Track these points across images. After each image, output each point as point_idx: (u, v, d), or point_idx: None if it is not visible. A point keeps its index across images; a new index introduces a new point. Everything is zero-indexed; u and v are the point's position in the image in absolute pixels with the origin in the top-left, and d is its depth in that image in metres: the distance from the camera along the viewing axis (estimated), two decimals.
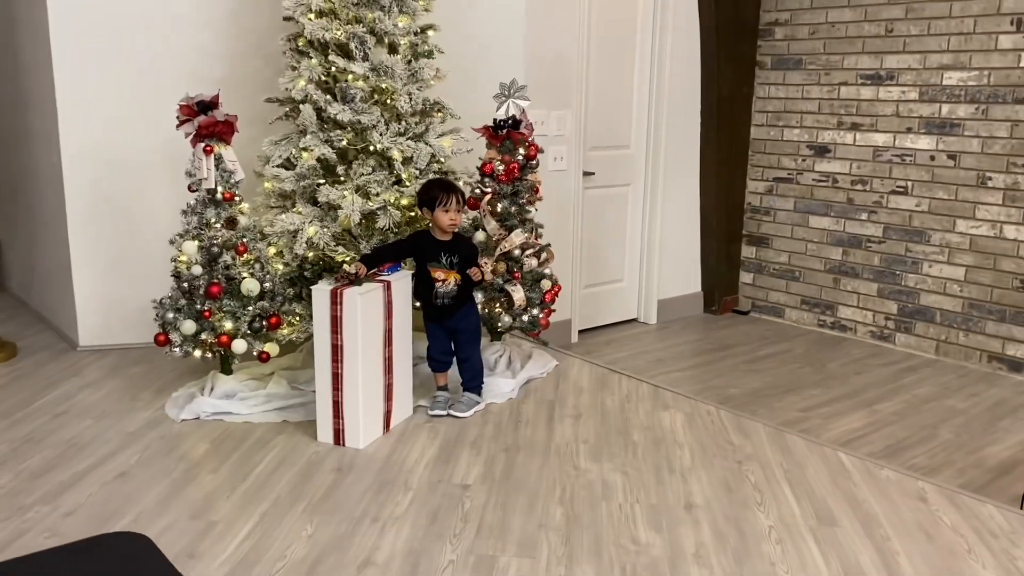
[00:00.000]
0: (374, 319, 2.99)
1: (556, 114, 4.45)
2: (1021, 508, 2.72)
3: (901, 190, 4.83)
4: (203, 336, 3.13)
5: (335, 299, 2.89)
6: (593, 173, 4.84)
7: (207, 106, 3.08)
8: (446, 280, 3.21)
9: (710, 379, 4.33)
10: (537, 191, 3.72)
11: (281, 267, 3.35)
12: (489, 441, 3.06)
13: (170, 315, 3.12)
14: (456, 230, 3.22)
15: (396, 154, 3.35)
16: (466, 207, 3.35)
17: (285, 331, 3.35)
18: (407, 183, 3.41)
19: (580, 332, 4.94)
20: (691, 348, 4.87)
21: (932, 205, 4.71)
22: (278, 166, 3.40)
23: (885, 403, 4.06)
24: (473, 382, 3.38)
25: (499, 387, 3.51)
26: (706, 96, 5.25)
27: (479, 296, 3.56)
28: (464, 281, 3.23)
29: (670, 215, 5.25)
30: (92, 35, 3.78)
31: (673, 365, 4.54)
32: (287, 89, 3.37)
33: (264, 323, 3.19)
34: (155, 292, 3.32)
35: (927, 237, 4.75)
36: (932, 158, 4.67)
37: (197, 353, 3.17)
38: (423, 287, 3.24)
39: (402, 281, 3.17)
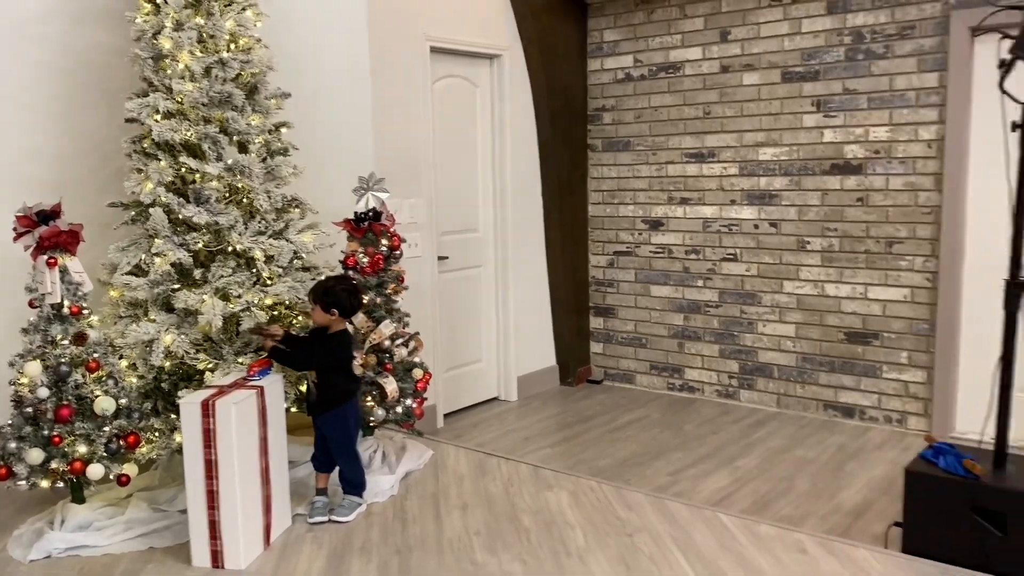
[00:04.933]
0: (249, 429, 2.84)
1: (408, 203, 4.49)
2: (885, 547, 2.94)
3: (731, 257, 5.21)
4: (53, 465, 2.84)
5: (206, 411, 2.72)
6: (447, 257, 4.89)
7: (48, 216, 2.86)
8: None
9: (579, 452, 4.41)
10: (402, 280, 3.71)
11: (135, 380, 3.12)
12: (378, 544, 2.95)
13: (12, 445, 2.82)
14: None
15: (258, 253, 3.25)
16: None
17: (144, 449, 3.10)
18: (269, 282, 3.31)
19: (445, 416, 4.90)
20: (555, 422, 4.95)
21: (760, 269, 5.11)
22: (127, 273, 3.19)
23: (743, 459, 4.29)
24: (351, 487, 3.26)
25: (379, 485, 3.40)
26: (546, 178, 5.48)
27: None
28: (323, 385, 3.15)
29: (522, 293, 5.38)
30: None
31: (542, 442, 4.60)
32: (134, 192, 3.20)
33: (122, 443, 2.94)
34: None
35: (758, 299, 5.13)
36: (756, 226, 5.09)
37: (45, 483, 2.87)
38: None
39: (275, 386, 3.04)
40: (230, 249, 3.23)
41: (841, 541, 2.93)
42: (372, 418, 3.58)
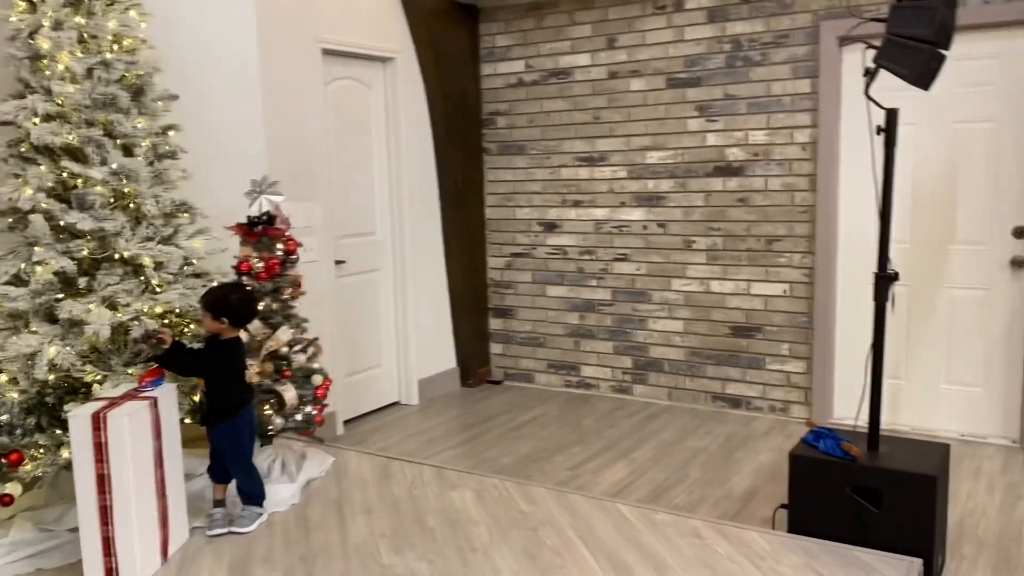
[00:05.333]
0: (143, 441, 2.75)
1: (303, 206, 4.43)
2: (773, 528, 3.11)
3: (622, 257, 5.38)
4: None
5: (97, 424, 2.62)
6: (344, 261, 4.85)
7: None
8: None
9: (482, 452, 4.46)
10: (299, 285, 3.66)
11: (17, 395, 2.98)
12: (281, 553, 2.91)
13: None
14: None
15: (147, 260, 3.15)
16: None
17: (29, 467, 2.95)
18: (159, 289, 3.21)
19: (345, 423, 4.86)
20: (457, 424, 4.99)
21: (650, 268, 5.29)
22: (6, 283, 3.04)
23: (639, 451, 4.43)
24: (250, 498, 3.20)
25: (279, 494, 3.35)
26: (442, 181, 5.51)
27: None
28: (213, 394, 3.09)
29: (421, 295, 5.39)
30: None
31: (444, 443, 4.62)
32: (11, 199, 3.05)
33: (3, 461, 2.80)
34: None
35: (649, 297, 5.31)
36: (645, 227, 5.27)
37: None
38: None
39: (168, 396, 2.95)
40: (117, 256, 3.12)
41: (733, 525, 3.07)
42: (271, 427, 3.52)
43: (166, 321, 3.26)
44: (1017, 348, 4.35)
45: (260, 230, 3.54)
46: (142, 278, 3.19)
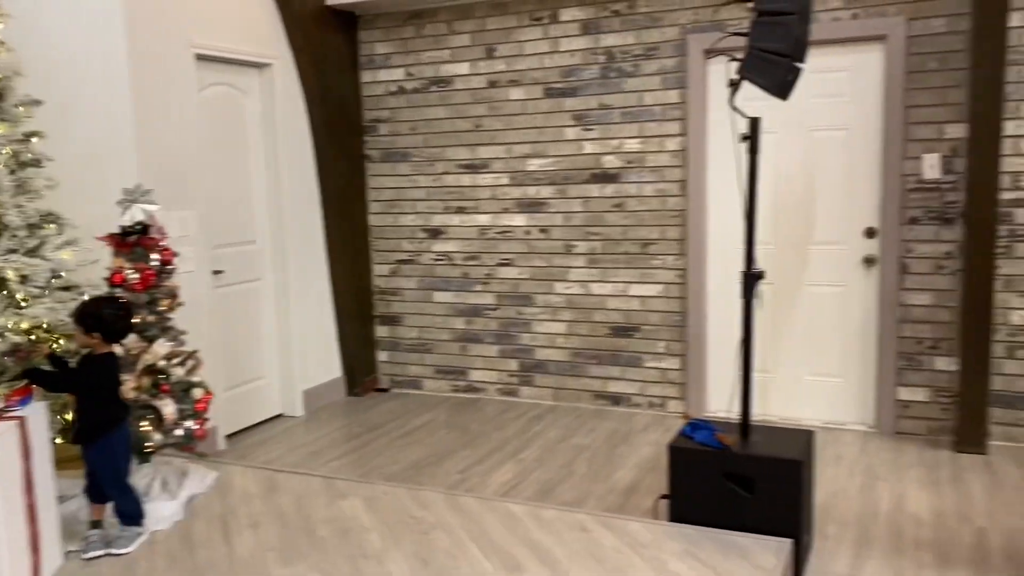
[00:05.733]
0: (10, 463, 2.62)
1: (178, 215, 4.30)
2: (655, 518, 3.25)
3: (506, 262, 5.47)
4: None
5: None
6: (223, 271, 4.73)
7: None
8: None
9: (371, 460, 4.44)
10: (176, 297, 3.56)
11: None
12: (165, 571, 2.83)
13: None
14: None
15: (11, 274, 3.00)
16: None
17: None
18: (25, 304, 3.06)
19: (227, 437, 4.73)
20: (344, 433, 4.94)
21: (533, 272, 5.41)
22: None
23: (526, 451, 4.52)
24: (128, 518, 3.08)
25: (160, 512, 3.24)
26: (324, 189, 5.46)
27: None
28: (85, 412, 2.97)
29: (304, 304, 5.31)
30: None
31: (332, 453, 4.57)
32: None
33: None
34: None
35: (533, 300, 5.43)
36: (528, 232, 5.38)
37: None
38: None
39: (37, 415, 2.82)
40: None
41: (617, 517, 3.20)
42: (149, 443, 3.40)
43: (33, 337, 3.10)
44: (871, 340, 4.69)
45: (134, 240, 3.42)
46: (5, 292, 3.03)
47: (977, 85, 4.07)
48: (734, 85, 3.05)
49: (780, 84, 2.91)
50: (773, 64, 2.89)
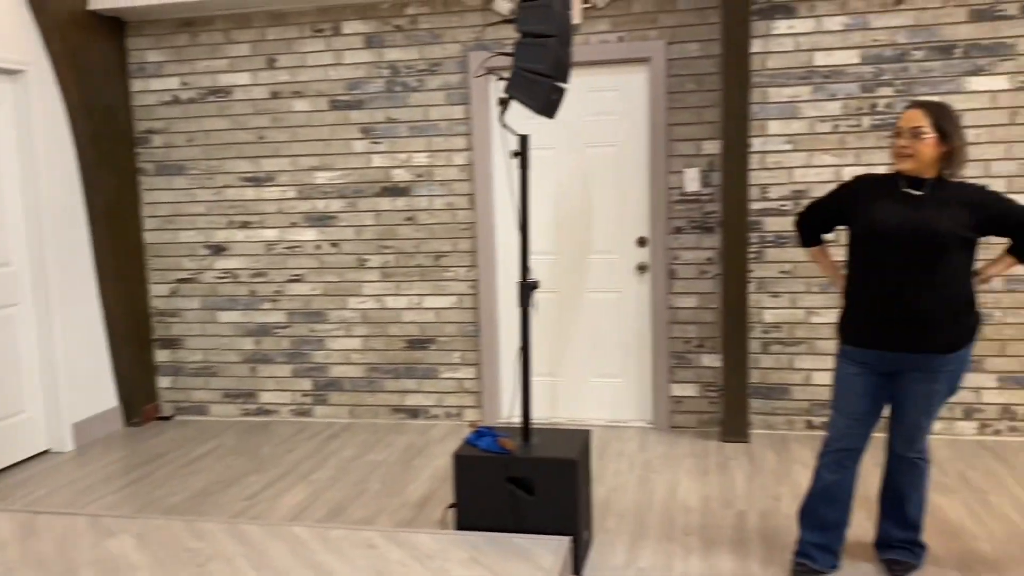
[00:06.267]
0: None
1: None
2: (444, 528, 3.29)
3: (296, 278, 5.34)
4: None
5: None
6: None
7: None
8: None
9: (149, 493, 4.18)
10: None
11: None
12: None
13: None
14: None
15: None
16: None
17: None
18: None
19: None
20: (120, 467, 4.61)
21: (325, 287, 5.31)
22: None
23: (319, 472, 4.43)
24: None
25: None
26: (91, 205, 5.08)
27: None
28: None
29: (70, 330, 4.92)
30: None
31: (104, 489, 4.25)
32: None
33: None
34: None
35: (326, 316, 5.33)
36: (318, 247, 5.29)
37: None
38: None
39: None
40: None
41: (406, 531, 3.20)
42: None
43: None
44: (646, 341, 5.01)
45: None
46: None
47: (727, 105, 4.46)
48: (503, 103, 3.16)
49: (544, 103, 3.05)
50: (537, 84, 3.03)
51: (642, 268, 4.96)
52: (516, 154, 3.23)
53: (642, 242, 4.94)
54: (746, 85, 4.43)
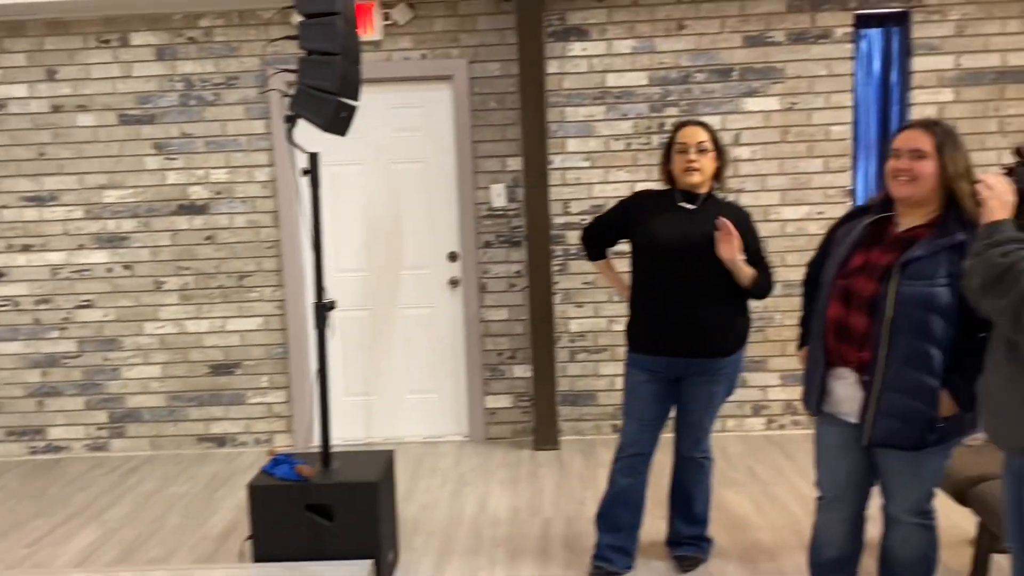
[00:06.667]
0: None
1: None
2: (241, 561, 3.16)
3: (87, 304, 4.99)
4: None
5: None
6: None
7: None
8: None
9: None
10: None
11: None
12: None
13: None
14: None
15: None
16: None
17: None
18: None
19: None
20: None
21: (119, 313, 4.99)
22: None
23: (113, 510, 4.14)
24: None
25: None
26: None
27: None
28: None
29: None
30: None
31: None
32: None
33: None
34: None
35: (120, 344, 5.01)
36: (110, 270, 4.96)
37: None
38: None
39: None
40: None
41: (200, 568, 3.05)
42: None
43: None
44: (460, 355, 5.04)
45: None
46: None
47: (527, 124, 4.59)
48: (289, 120, 3.09)
49: (331, 120, 3.01)
50: (323, 101, 2.98)
51: (454, 282, 5.00)
52: (306, 172, 3.17)
53: (453, 257, 4.98)
54: (543, 104, 4.57)
